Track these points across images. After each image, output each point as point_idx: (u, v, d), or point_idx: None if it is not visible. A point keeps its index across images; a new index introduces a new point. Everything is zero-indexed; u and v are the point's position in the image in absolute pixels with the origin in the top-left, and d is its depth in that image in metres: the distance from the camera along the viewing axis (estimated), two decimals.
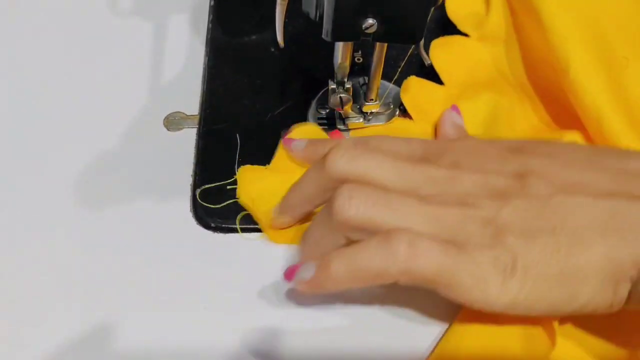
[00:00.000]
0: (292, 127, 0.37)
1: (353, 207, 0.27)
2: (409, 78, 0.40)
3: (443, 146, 0.31)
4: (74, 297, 0.33)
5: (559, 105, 0.38)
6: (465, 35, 0.42)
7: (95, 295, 0.33)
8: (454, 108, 0.37)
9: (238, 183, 0.36)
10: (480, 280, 0.26)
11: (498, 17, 0.42)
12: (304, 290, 0.30)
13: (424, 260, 0.26)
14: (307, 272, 0.29)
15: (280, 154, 0.37)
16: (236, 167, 0.37)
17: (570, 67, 0.35)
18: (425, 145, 0.32)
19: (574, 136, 0.35)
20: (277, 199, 0.34)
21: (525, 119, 0.39)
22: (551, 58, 0.36)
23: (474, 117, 0.38)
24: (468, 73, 0.41)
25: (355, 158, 0.29)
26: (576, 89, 0.34)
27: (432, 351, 0.30)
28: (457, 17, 0.43)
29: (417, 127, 0.39)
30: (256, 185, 0.36)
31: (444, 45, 0.42)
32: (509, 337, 0.29)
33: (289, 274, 0.30)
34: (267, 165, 0.37)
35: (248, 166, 0.37)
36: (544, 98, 0.39)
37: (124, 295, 0.33)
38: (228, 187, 0.36)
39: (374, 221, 0.28)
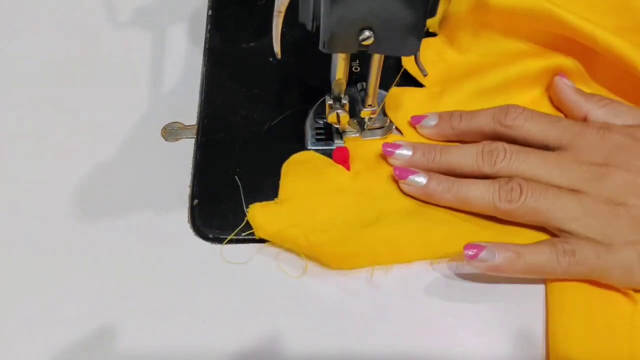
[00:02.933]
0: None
1: (522, 198, 0.33)
2: (389, 91, 0.39)
3: (591, 139, 0.34)
4: (71, 307, 0.33)
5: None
6: None
7: (93, 306, 0.33)
8: (561, 75, 0.39)
9: (252, 225, 0.35)
10: (627, 271, 0.31)
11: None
12: (480, 269, 0.33)
13: (582, 267, 0.31)
14: (490, 256, 0.32)
15: (283, 183, 0.36)
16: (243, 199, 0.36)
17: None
18: (572, 136, 0.35)
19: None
20: (299, 229, 0.34)
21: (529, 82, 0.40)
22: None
23: (463, 105, 0.39)
24: (445, 70, 0.41)
25: (519, 159, 0.34)
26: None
27: None
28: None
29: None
30: (273, 223, 0.34)
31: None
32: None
33: (474, 254, 0.32)
34: (276, 199, 0.36)
35: (257, 204, 0.35)
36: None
37: (121, 306, 0.33)
38: (243, 234, 0.35)
39: (538, 212, 0.33)
